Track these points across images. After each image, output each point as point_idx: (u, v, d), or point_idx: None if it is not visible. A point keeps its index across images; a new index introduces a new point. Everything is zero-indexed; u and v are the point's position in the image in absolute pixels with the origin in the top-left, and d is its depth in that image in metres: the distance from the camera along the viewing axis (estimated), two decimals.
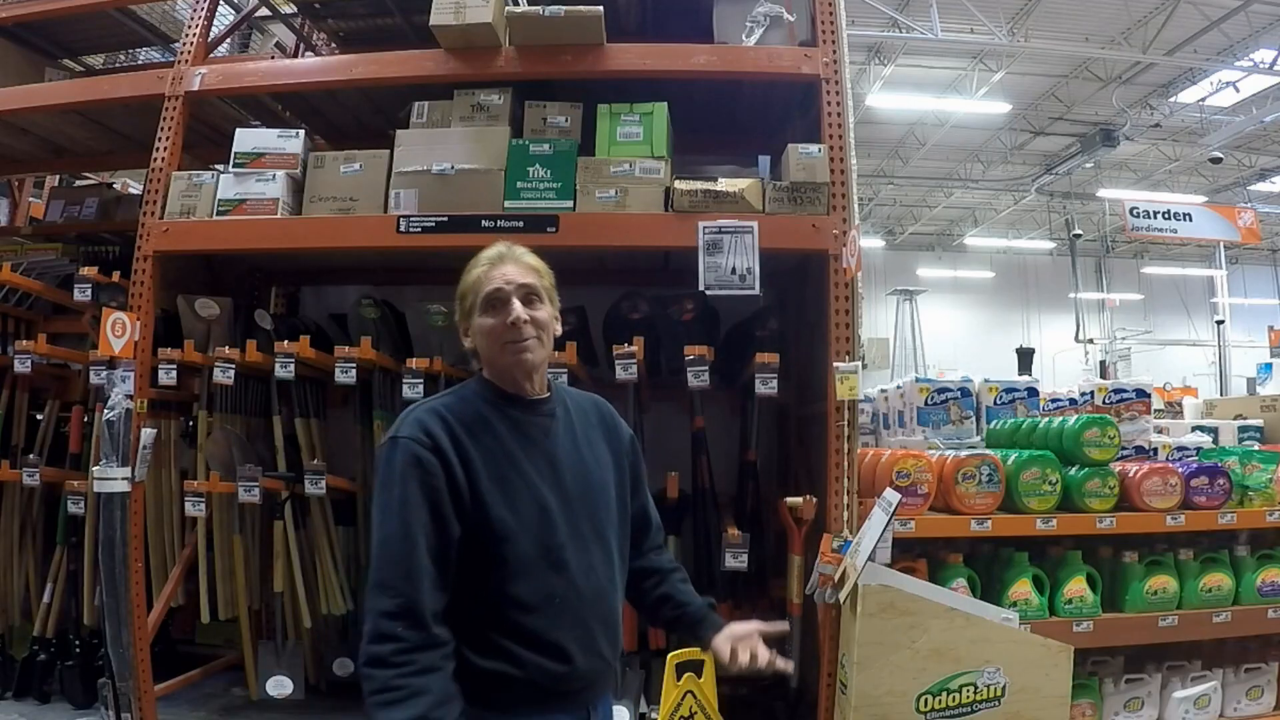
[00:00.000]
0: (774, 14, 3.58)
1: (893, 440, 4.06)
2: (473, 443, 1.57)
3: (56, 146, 4.84)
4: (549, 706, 1.57)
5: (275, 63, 4.52)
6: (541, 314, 1.67)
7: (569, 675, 1.57)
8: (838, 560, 2.94)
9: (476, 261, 1.71)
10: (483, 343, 1.67)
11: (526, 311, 1.63)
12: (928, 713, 2.84)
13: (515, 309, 1.62)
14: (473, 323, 1.68)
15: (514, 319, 1.61)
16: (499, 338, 1.63)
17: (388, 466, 1.54)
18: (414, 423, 1.57)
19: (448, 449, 1.54)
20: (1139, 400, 4.02)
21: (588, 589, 1.61)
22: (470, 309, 1.68)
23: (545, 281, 1.70)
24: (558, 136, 3.57)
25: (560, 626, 1.57)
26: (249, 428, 4.03)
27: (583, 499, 1.65)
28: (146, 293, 3.58)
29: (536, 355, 1.65)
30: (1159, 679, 3.28)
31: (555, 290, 1.74)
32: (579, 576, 1.60)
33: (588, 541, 1.63)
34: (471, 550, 1.55)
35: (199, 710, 3.97)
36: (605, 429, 1.79)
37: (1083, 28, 12.09)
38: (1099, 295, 21.67)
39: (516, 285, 1.65)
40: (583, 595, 1.60)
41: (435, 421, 1.57)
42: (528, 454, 1.62)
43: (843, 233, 3.30)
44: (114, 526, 3.37)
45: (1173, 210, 14.66)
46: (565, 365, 3.43)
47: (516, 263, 1.68)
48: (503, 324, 1.62)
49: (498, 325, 1.63)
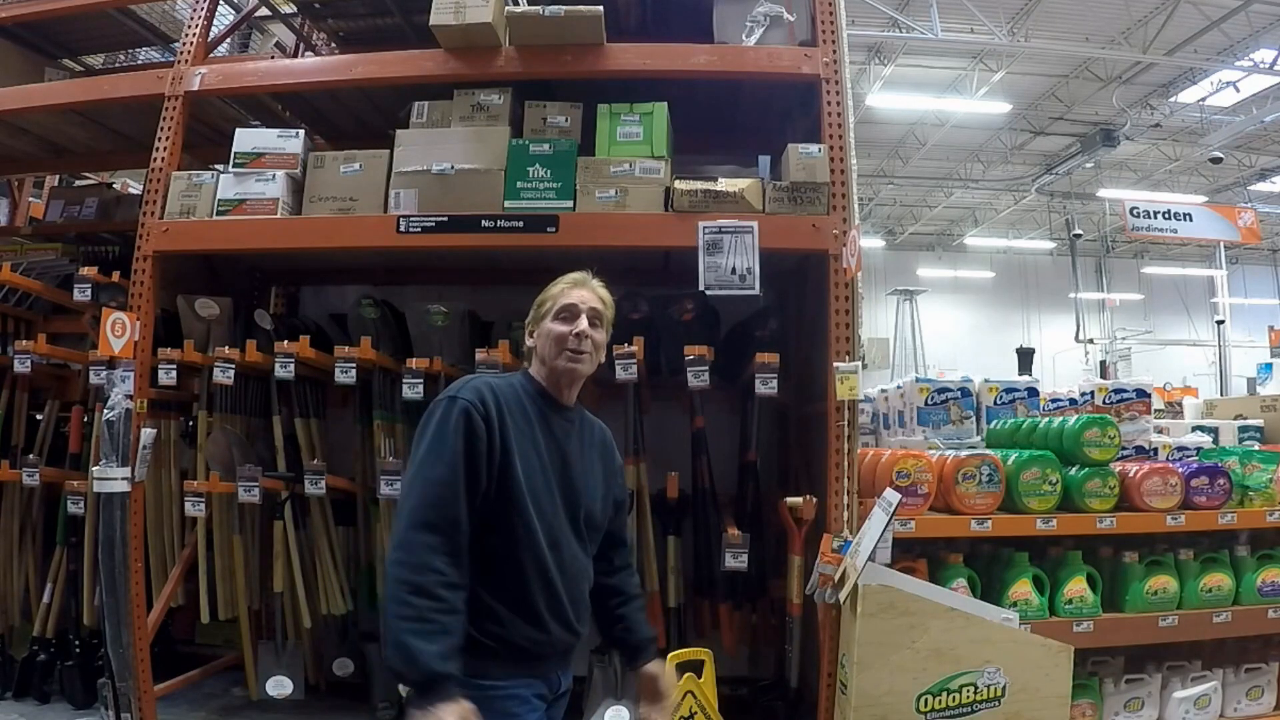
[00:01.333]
0: (774, 14, 3.58)
1: (893, 440, 4.06)
2: (510, 419, 1.78)
3: (56, 146, 4.84)
4: (520, 669, 1.75)
5: (275, 63, 4.52)
6: (600, 336, 1.92)
7: (543, 643, 1.76)
8: (838, 560, 2.94)
9: (560, 279, 1.95)
10: (546, 344, 1.89)
11: (590, 330, 1.88)
12: (928, 713, 2.84)
13: (583, 323, 1.87)
14: (543, 326, 1.90)
15: (579, 330, 1.86)
16: (562, 344, 1.86)
17: (444, 419, 1.72)
18: (473, 389, 1.78)
19: (494, 418, 1.75)
20: (1139, 400, 4.02)
21: (572, 569, 1.83)
22: (545, 314, 1.91)
23: (609, 313, 1.97)
24: (558, 136, 3.57)
25: (545, 597, 1.76)
26: (249, 428, 4.02)
27: (578, 497, 1.87)
28: (146, 293, 3.58)
29: (585, 367, 1.90)
30: (1159, 679, 3.28)
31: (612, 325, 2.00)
32: (567, 557, 1.81)
33: (580, 533, 1.87)
34: (489, 511, 1.72)
35: (199, 710, 3.97)
36: (603, 451, 2.01)
37: (1083, 28, 12.08)
38: (1099, 295, 21.65)
39: (589, 307, 1.90)
40: (567, 573, 1.81)
41: (489, 393, 1.78)
42: (548, 444, 1.84)
43: (843, 233, 3.30)
44: (114, 526, 3.37)
45: (1173, 210, 14.64)
46: None
47: (593, 290, 1.94)
48: (568, 333, 1.86)
49: (565, 333, 1.86)
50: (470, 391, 1.76)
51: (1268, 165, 17.10)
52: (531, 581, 1.74)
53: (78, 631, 3.98)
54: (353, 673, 4.04)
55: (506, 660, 1.72)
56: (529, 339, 1.94)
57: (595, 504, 1.91)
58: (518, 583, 1.73)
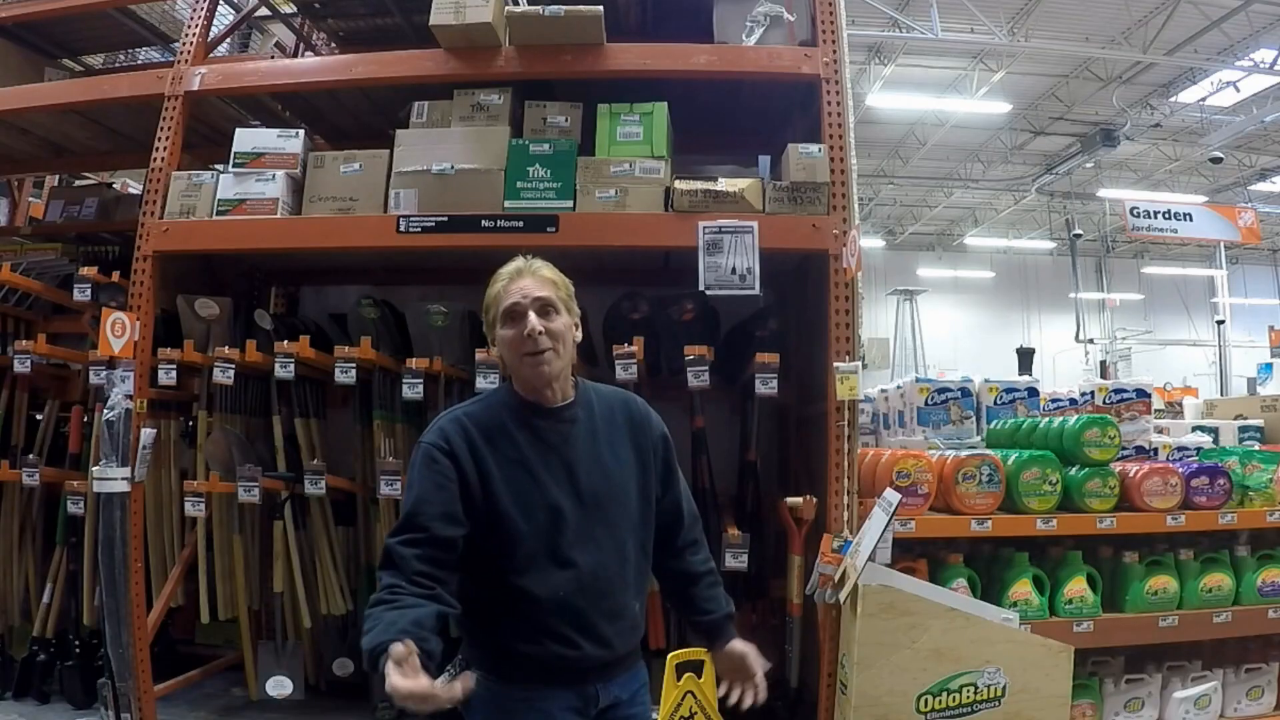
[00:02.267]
0: (774, 14, 3.58)
1: (893, 440, 4.06)
2: (490, 450, 1.71)
3: (56, 146, 4.83)
4: (554, 683, 1.71)
5: (275, 62, 4.52)
6: (557, 324, 1.75)
7: (576, 660, 1.70)
8: (838, 560, 2.94)
9: (497, 277, 1.80)
10: (505, 353, 1.79)
11: (542, 323, 1.73)
12: (928, 713, 2.84)
13: (531, 321, 1.72)
14: (496, 335, 1.78)
15: (529, 330, 1.71)
16: (518, 349, 1.74)
17: (412, 465, 1.72)
18: (437, 430, 1.74)
19: (461, 454, 1.70)
20: (1139, 400, 4.02)
21: (593, 587, 1.73)
22: (493, 321, 1.78)
23: (562, 293, 1.80)
24: (558, 136, 3.57)
25: (565, 618, 1.70)
26: (249, 428, 4.02)
27: (597, 502, 1.76)
28: (146, 293, 3.58)
29: (553, 366, 1.75)
30: (1159, 679, 3.28)
31: (574, 300, 1.84)
32: (586, 575, 1.71)
33: (600, 542, 1.75)
34: (486, 545, 1.69)
35: (199, 710, 3.97)
36: (632, 428, 1.87)
37: (1083, 27, 12.08)
38: (1099, 295, 21.63)
39: (532, 298, 1.74)
40: (587, 592, 1.72)
41: (455, 429, 1.73)
42: (545, 460, 1.74)
43: (843, 233, 3.30)
44: (114, 526, 3.37)
45: (1173, 210, 14.63)
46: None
47: (534, 276, 1.77)
48: (520, 335, 1.73)
49: (515, 336, 1.73)
50: (433, 434, 1.73)
51: (1268, 165, 17.10)
52: (544, 605, 1.68)
53: (78, 631, 3.98)
54: (353, 673, 4.03)
55: (537, 676, 1.70)
56: (493, 350, 1.85)
57: (627, 497, 1.80)
58: (531, 607, 1.69)
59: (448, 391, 3.81)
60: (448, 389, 3.81)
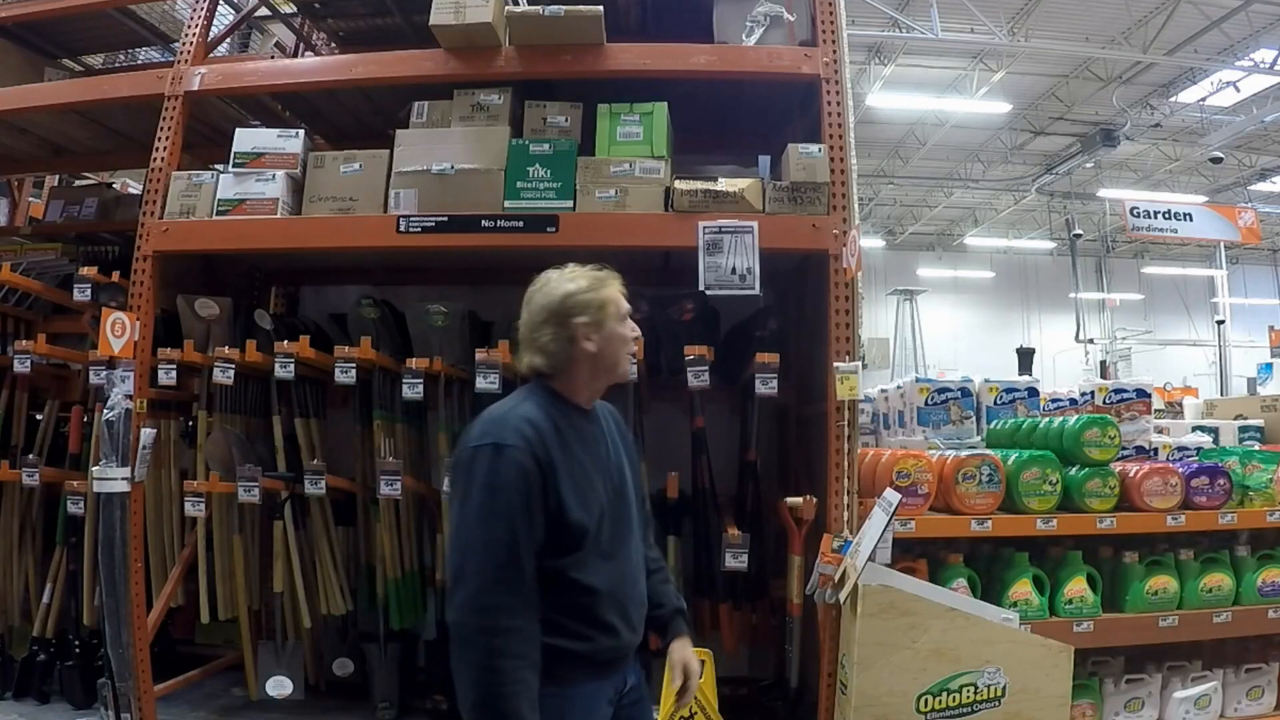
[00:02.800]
0: (774, 14, 3.58)
1: (893, 440, 4.06)
2: (557, 452, 1.73)
3: (56, 146, 4.84)
4: (599, 675, 1.80)
5: (275, 63, 4.52)
6: None
7: (616, 648, 1.81)
8: (838, 560, 2.94)
9: (604, 279, 1.88)
10: (613, 348, 1.86)
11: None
12: (928, 713, 2.84)
13: (635, 329, 1.91)
14: (610, 329, 1.84)
15: (637, 336, 1.92)
16: (628, 348, 1.89)
17: (494, 472, 1.67)
18: (516, 434, 1.70)
19: (544, 458, 1.70)
20: (1139, 400, 4.02)
21: (629, 575, 1.86)
22: (607, 317, 1.84)
23: None
24: (558, 136, 3.57)
25: (612, 608, 1.79)
26: (249, 428, 4.02)
27: (620, 497, 1.87)
28: (146, 293, 3.58)
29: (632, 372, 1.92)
30: (1159, 679, 3.28)
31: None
32: (624, 564, 1.84)
33: (626, 533, 1.87)
34: (550, 544, 1.71)
35: (199, 710, 3.97)
36: (620, 432, 1.99)
37: (1083, 27, 12.08)
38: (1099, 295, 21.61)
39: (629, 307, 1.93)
40: (626, 580, 1.84)
41: (531, 431, 1.72)
42: (590, 460, 1.82)
43: (843, 233, 3.30)
44: (114, 526, 3.37)
45: (1173, 210, 14.62)
46: None
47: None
48: (629, 336, 1.89)
49: (629, 337, 1.89)
50: (514, 436, 1.69)
51: (1268, 165, 17.10)
52: (601, 597, 1.76)
53: (78, 631, 3.98)
54: (352, 673, 4.04)
55: (587, 668, 1.77)
56: (588, 344, 1.81)
57: (630, 492, 1.91)
58: (587, 600, 1.75)
59: (448, 392, 3.82)
60: (448, 389, 3.81)
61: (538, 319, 1.85)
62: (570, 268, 1.89)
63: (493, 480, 1.66)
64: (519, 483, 1.66)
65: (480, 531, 1.65)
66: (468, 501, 1.68)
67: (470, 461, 1.69)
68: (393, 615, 3.90)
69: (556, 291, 1.84)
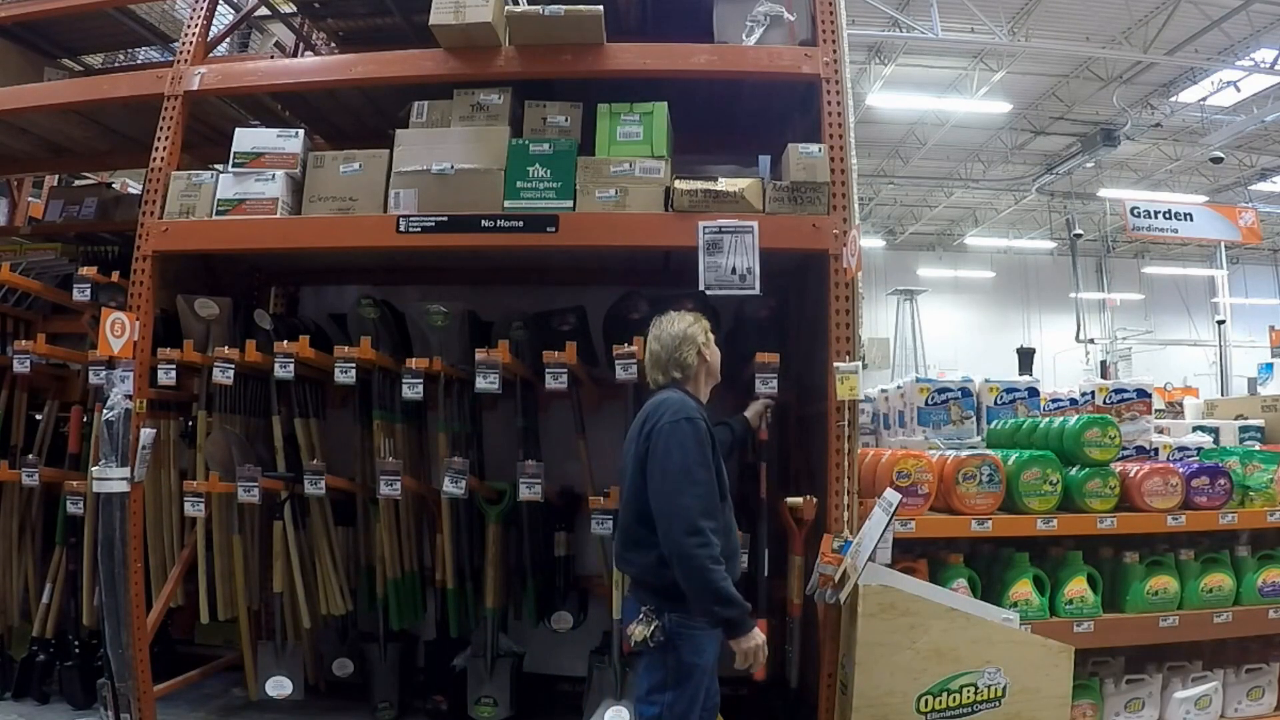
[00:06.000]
0: (774, 13, 3.58)
1: (893, 440, 4.06)
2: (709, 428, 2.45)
3: (56, 146, 4.84)
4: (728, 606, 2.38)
5: (274, 62, 4.52)
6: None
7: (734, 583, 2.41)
8: (838, 560, 2.94)
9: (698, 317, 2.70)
10: (716, 360, 2.70)
11: None
12: (928, 713, 2.84)
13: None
14: (712, 348, 2.68)
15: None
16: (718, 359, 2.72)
17: (695, 435, 2.38)
18: (697, 411, 2.46)
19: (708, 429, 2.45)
20: (1140, 400, 4.02)
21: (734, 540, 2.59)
22: (710, 340, 2.68)
23: None
24: (558, 136, 3.57)
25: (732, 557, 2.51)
26: (248, 428, 4.02)
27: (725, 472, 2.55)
28: (146, 293, 3.58)
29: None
30: (1160, 679, 3.28)
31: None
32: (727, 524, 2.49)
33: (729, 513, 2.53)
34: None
35: (198, 710, 3.97)
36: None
37: (1083, 27, 12.07)
38: (1100, 295, 21.61)
39: None
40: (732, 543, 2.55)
41: (701, 412, 2.47)
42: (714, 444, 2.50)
43: (843, 232, 3.29)
44: (113, 527, 3.37)
45: (1173, 210, 14.61)
46: (565, 365, 3.43)
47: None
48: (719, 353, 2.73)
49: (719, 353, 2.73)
50: (697, 413, 2.44)
51: (1268, 165, 17.09)
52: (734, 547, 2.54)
53: (77, 632, 3.98)
54: (352, 673, 4.04)
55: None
56: (703, 358, 2.61)
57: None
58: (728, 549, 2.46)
59: (447, 392, 3.81)
60: (447, 389, 3.81)
61: (674, 343, 2.59)
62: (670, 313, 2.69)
63: (695, 441, 2.36)
64: (708, 440, 2.39)
65: (694, 475, 2.32)
66: (672, 457, 2.34)
67: (674, 429, 2.37)
68: (392, 616, 3.90)
69: (679, 326, 2.62)
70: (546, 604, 3.95)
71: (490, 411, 4.13)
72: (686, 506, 2.28)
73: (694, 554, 2.26)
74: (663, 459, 2.34)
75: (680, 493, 2.30)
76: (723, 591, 2.28)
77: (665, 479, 2.33)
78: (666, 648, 2.36)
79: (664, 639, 2.34)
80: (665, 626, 2.36)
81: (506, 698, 3.80)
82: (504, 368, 3.45)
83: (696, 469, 2.33)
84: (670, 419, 2.38)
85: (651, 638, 2.35)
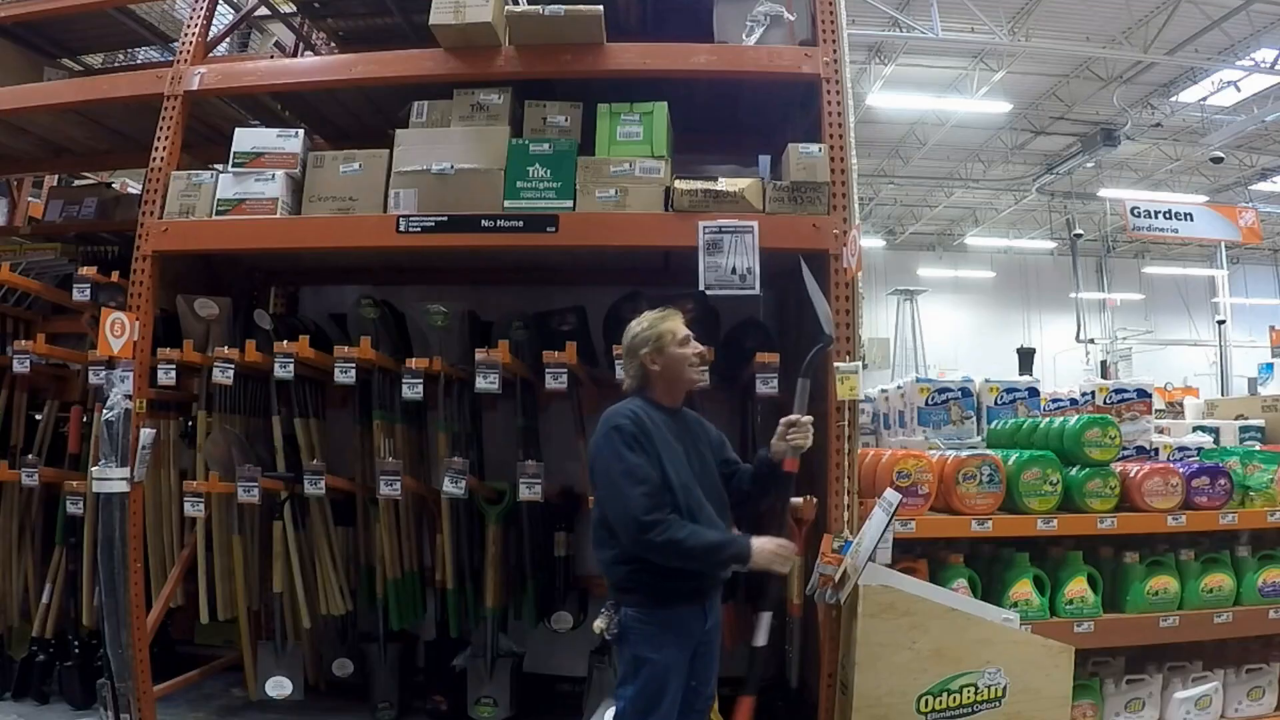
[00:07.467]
0: (774, 13, 3.58)
1: (893, 440, 4.06)
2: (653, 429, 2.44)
3: (56, 146, 4.83)
4: (691, 601, 2.44)
5: (274, 62, 4.52)
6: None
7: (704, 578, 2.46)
8: (838, 561, 2.94)
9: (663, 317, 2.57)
10: (675, 365, 2.55)
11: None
12: (929, 713, 2.84)
13: (698, 347, 2.60)
14: (671, 353, 2.54)
15: (699, 352, 2.60)
16: (689, 362, 2.56)
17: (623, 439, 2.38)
18: (626, 415, 2.43)
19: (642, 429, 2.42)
20: (1140, 400, 4.02)
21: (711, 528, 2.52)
22: (667, 344, 2.53)
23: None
24: (558, 136, 3.57)
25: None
26: (248, 428, 4.02)
27: (701, 474, 2.52)
28: (146, 293, 3.58)
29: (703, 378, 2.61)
30: (1160, 680, 3.28)
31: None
32: (704, 521, 2.43)
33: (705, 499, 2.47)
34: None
35: (198, 711, 3.97)
36: (702, 430, 2.66)
37: (1083, 27, 12.06)
38: (1100, 295, 21.60)
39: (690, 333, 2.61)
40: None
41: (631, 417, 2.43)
42: (678, 441, 2.51)
43: (843, 232, 3.29)
44: (113, 527, 3.37)
45: (1174, 210, 14.60)
46: (565, 365, 3.43)
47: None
48: (690, 354, 2.57)
49: (690, 354, 2.56)
50: (623, 419, 2.42)
51: (1269, 165, 17.08)
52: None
53: (77, 632, 3.98)
54: (352, 673, 4.04)
55: (684, 596, 2.42)
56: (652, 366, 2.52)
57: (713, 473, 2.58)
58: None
59: (447, 392, 3.81)
60: (447, 389, 3.81)
61: (627, 349, 2.57)
62: (643, 314, 2.61)
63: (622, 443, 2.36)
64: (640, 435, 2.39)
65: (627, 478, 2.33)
66: (609, 468, 2.37)
67: (604, 443, 2.41)
68: (392, 616, 3.90)
69: (629, 333, 2.58)
70: (546, 604, 3.95)
71: (490, 411, 4.13)
72: (629, 509, 2.31)
73: (656, 544, 2.30)
74: (602, 473, 2.41)
75: (620, 497, 2.34)
76: (697, 549, 2.34)
77: (607, 490, 2.40)
78: (621, 641, 2.42)
79: (618, 632, 2.41)
80: (620, 620, 2.41)
81: (506, 698, 3.81)
82: (504, 368, 3.45)
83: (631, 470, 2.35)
84: (601, 433, 2.44)
85: (608, 630, 2.43)
